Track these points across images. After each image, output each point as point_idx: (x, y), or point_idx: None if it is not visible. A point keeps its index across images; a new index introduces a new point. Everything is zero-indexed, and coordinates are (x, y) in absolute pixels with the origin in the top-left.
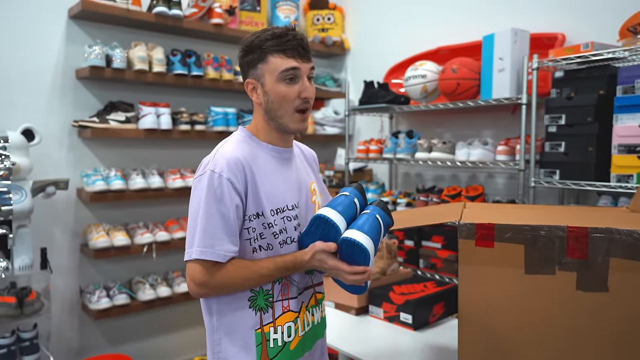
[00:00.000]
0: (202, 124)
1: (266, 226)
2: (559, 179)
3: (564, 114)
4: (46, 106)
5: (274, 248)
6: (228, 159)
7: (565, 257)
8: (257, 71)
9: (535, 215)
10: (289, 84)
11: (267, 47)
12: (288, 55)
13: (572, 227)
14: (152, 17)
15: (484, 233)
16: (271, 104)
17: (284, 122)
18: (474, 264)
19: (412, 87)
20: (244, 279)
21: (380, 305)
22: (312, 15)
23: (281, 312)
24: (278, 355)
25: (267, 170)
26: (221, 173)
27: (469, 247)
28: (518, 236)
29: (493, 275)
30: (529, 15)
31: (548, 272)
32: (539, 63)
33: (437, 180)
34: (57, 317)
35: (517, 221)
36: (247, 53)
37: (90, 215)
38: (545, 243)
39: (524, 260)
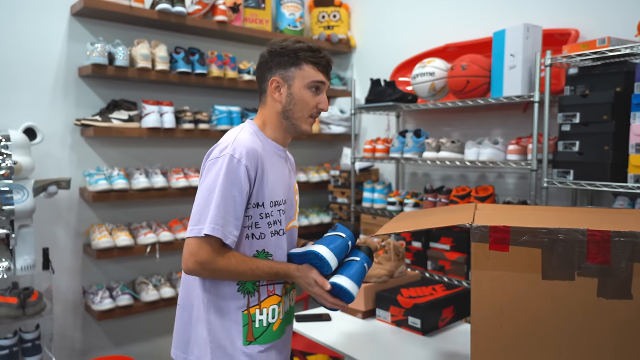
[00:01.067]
0: (206, 123)
1: (263, 216)
2: (573, 179)
3: (578, 112)
4: (48, 105)
5: (265, 237)
6: (247, 147)
7: (585, 262)
8: (288, 73)
9: (551, 217)
10: (313, 94)
11: (302, 56)
12: (319, 69)
13: (592, 230)
14: (155, 14)
15: (499, 236)
16: (292, 105)
17: (297, 123)
18: (488, 268)
19: (419, 85)
20: (240, 272)
21: (387, 309)
22: (317, 12)
23: (267, 295)
24: (262, 335)
25: (271, 164)
26: (240, 159)
27: (482, 251)
28: (535, 240)
29: (508, 280)
30: (541, 10)
31: (567, 278)
32: (552, 59)
33: (445, 180)
34: (59, 317)
35: (534, 224)
36: (280, 54)
37: (93, 215)
38: (564, 247)
39: (541, 265)
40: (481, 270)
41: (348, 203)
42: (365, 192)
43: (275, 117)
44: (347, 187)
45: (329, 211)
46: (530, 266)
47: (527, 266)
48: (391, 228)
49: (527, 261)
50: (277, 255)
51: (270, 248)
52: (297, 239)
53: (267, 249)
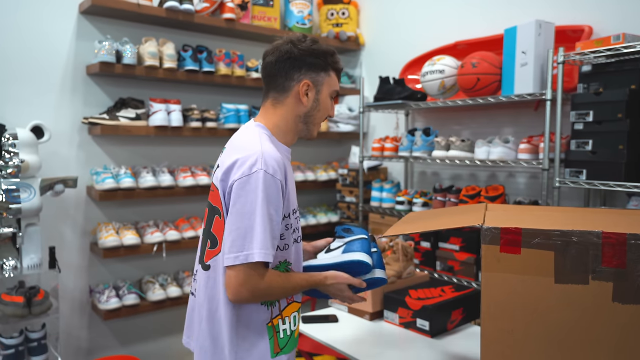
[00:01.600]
0: (214, 121)
1: (289, 227)
2: (586, 179)
3: (591, 110)
4: (56, 103)
5: (289, 248)
6: (277, 160)
7: (600, 265)
8: (318, 78)
9: (564, 218)
10: (332, 102)
11: (331, 61)
12: (338, 76)
13: (607, 232)
14: (163, 12)
15: (510, 238)
16: (316, 111)
17: (312, 128)
18: (499, 271)
19: (429, 82)
20: (285, 290)
21: (395, 311)
22: (326, 9)
23: (287, 304)
24: (287, 344)
25: (289, 171)
26: (274, 174)
27: (493, 253)
28: (547, 242)
29: (519, 284)
30: (554, 6)
31: (581, 282)
32: (565, 56)
33: (455, 179)
34: (66, 316)
35: (546, 225)
36: (312, 54)
37: (100, 214)
38: (577, 250)
39: (553, 268)
40: (492, 272)
41: (356, 202)
42: (373, 191)
43: (292, 119)
44: (355, 186)
45: (337, 210)
46: (543, 269)
47: (540, 269)
48: (399, 229)
49: (539, 264)
50: (295, 263)
51: (291, 257)
52: None
53: (288, 259)
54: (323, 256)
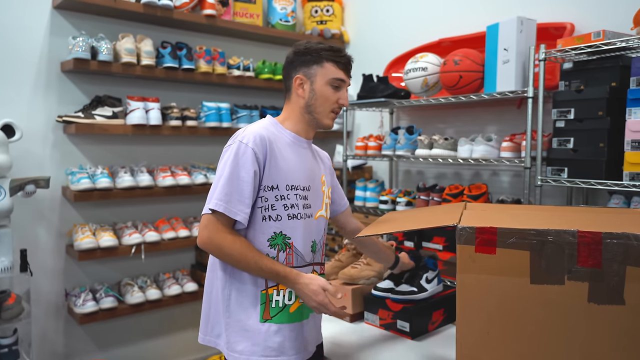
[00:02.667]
0: (194, 120)
1: (279, 198)
2: (568, 177)
3: (573, 108)
4: (29, 100)
5: (282, 219)
6: (255, 133)
7: (575, 265)
8: (311, 71)
9: (542, 217)
10: (334, 90)
11: (324, 54)
12: (340, 67)
13: (583, 231)
14: (141, 7)
15: (485, 238)
16: (314, 100)
17: (319, 117)
18: (474, 272)
19: (412, 80)
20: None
21: (376, 312)
22: (310, 7)
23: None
24: (278, 314)
25: (286, 150)
26: (247, 143)
27: (468, 254)
28: (523, 242)
29: (495, 284)
30: (536, 4)
31: (556, 282)
32: (546, 54)
33: (439, 178)
34: (41, 321)
35: (522, 224)
36: (303, 54)
37: (77, 215)
38: (553, 250)
39: (529, 268)
40: (467, 273)
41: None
42: (357, 190)
43: (298, 111)
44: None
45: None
46: (519, 269)
47: (515, 269)
48: (375, 229)
49: (515, 264)
50: (296, 239)
51: (288, 231)
52: (324, 229)
53: (284, 232)
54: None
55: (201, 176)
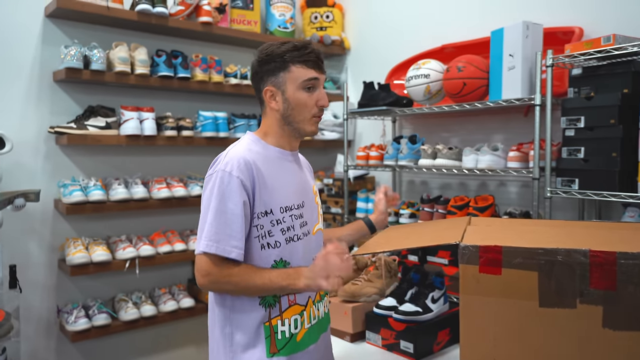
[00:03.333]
0: (190, 130)
1: (274, 223)
2: (579, 189)
3: (583, 116)
4: (21, 111)
5: (281, 245)
6: (238, 159)
7: (588, 287)
8: (278, 79)
9: (550, 234)
10: (309, 93)
11: (289, 57)
12: (309, 65)
13: (595, 251)
14: (135, 15)
15: (490, 257)
16: (291, 110)
17: (300, 126)
18: (478, 293)
19: (414, 87)
20: (248, 283)
21: (378, 332)
22: (309, 13)
23: (287, 305)
24: (286, 346)
25: (275, 170)
26: (231, 172)
27: (471, 274)
28: (530, 261)
29: (501, 307)
30: (543, 8)
31: (567, 306)
32: (554, 59)
33: (444, 188)
34: (31, 338)
35: (529, 243)
36: (267, 61)
37: (69, 228)
38: (563, 270)
39: (537, 290)
40: (470, 295)
41: (342, 213)
42: (359, 201)
43: (277, 124)
44: (341, 197)
45: (323, 222)
46: (526, 292)
47: (523, 292)
48: (371, 247)
49: (522, 286)
50: (296, 262)
51: (287, 256)
52: (323, 242)
53: (284, 257)
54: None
55: (198, 187)
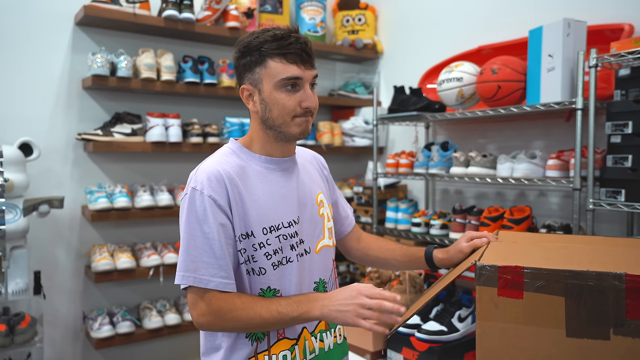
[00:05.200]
0: (216, 136)
1: (257, 247)
2: (625, 201)
3: (630, 121)
4: (50, 118)
5: (266, 272)
6: (208, 173)
7: (624, 316)
8: (255, 75)
9: (585, 252)
10: (289, 93)
11: (266, 50)
12: (290, 60)
13: (632, 275)
14: (162, 21)
15: (510, 279)
16: (269, 112)
17: (282, 130)
18: (497, 320)
19: (446, 92)
20: (249, 316)
21: (399, 351)
22: (341, 16)
23: (276, 339)
24: None
25: (257, 184)
26: (202, 190)
27: (489, 297)
28: (556, 285)
29: (522, 336)
30: (589, 3)
31: (600, 337)
32: (598, 59)
33: (480, 198)
34: (58, 344)
35: (556, 263)
36: (243, 55)
37: (96, 235)
38: (594, 296)
39: (564, 318)
40: (488, 321)
41: (371, 222)
42: (388, 211)
43: (259, 129)
44: (371, 205)
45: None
46: (551, 319)
47: (547, 319)
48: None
49: (546, 312)
50: (288, 290)
51: (275, 283)
52: (333, 260)
53: (272, 285)
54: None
55: None
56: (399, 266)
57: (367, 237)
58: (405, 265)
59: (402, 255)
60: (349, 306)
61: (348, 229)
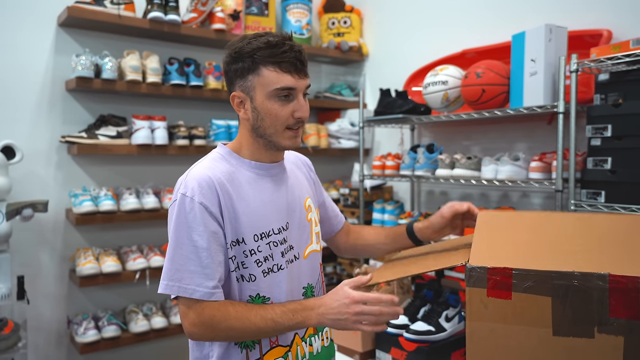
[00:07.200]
0: (202, 139)
1: (247, 254)
2: (605, 202)
3: (610, 124)
4: (33, 121)
5: (256, 279)
6: (199, 179)
7: (607, 315)
8: (247, 83)
9: (569, 238)
10: (282, 102)
11: (259, 57)
12: (283, 69)
13: (616, 275)
14: (147, 23)
15: (499, 280)
16: (260, 121)
17: (273, 140)
18: (487, 319)
19: (431, 95)
20: (244, 325)
21: (388, 351)
22: (326, 18)
23: (269, 348)
24: None
25: (248, 190)
26: (192, 197)
27: (479, 298)
28: (543, 286)
29: (511, 335)
30: (569, 10)
31: (585, 335)
32: (579, 64)
33: (464, 199)
34: (42, 349)
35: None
36: (235, 60)
37: (81, 239)
38: (580, 296)
39: (551, 317)
40: (478, 321)
41: (358, 224)
42: (375, 212)
43: (249, 135)
44: (357, 207)
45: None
46: (539, 318)
47: (535, 318)
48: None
49: (534, 312)
50: (278, 296)
51: (265, 290)
52: (320, 264)
53: (261, 293)
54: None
55: None
56: (386, 248)
57: (354, 227)
58: (391, 246)
59: (386, 236)
60: (345, 314)
61: (338, 226)
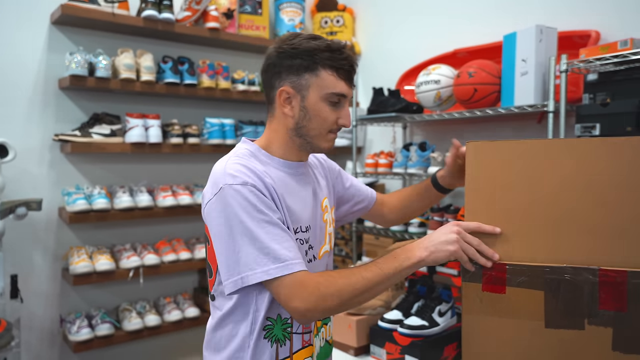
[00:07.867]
0: (196, 137)
1: None
2: None
3: (598, 123)
4: (26, 119)
5: None
6: (241, 169)
7: (597, 308)
8: (301, 81)
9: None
10: (332, 107)
11: (320, 58)
12: (340, 75)
13: (605, 269)
14: (141, 21)
15: (494, 275)
16: (307, 121)
17: (313, 141)
18: (482, 313)
19: (424, 94)
20: (354, 282)
21: (382, 346)
22: (319, 17)
23: (300, 347)
24: None
25: (283, 186)
26: (244, 183)
27: (475, 293)
28: (536, 280)
29: (505, 328)
30: (558, 11)
31: (575, 327)
32: (569, 64)
33: (456, 197)
34: (35, 348)
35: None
36: (291, 56)
37: (74, 237)
38: (571, 290)
39: (544, 310)
40: (474, 315)
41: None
42: None
43: (285, 133)
44: None
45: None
46: (532, 311)
47: (528, 311)
48: None
49: (527, 305)
50: None
51: None
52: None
53: None
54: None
55: None
56: (421, 206)
57: (385, 197)
58: (424, 202)
59: (417, 195)
60: (451, 233)
61: (372, 202)
